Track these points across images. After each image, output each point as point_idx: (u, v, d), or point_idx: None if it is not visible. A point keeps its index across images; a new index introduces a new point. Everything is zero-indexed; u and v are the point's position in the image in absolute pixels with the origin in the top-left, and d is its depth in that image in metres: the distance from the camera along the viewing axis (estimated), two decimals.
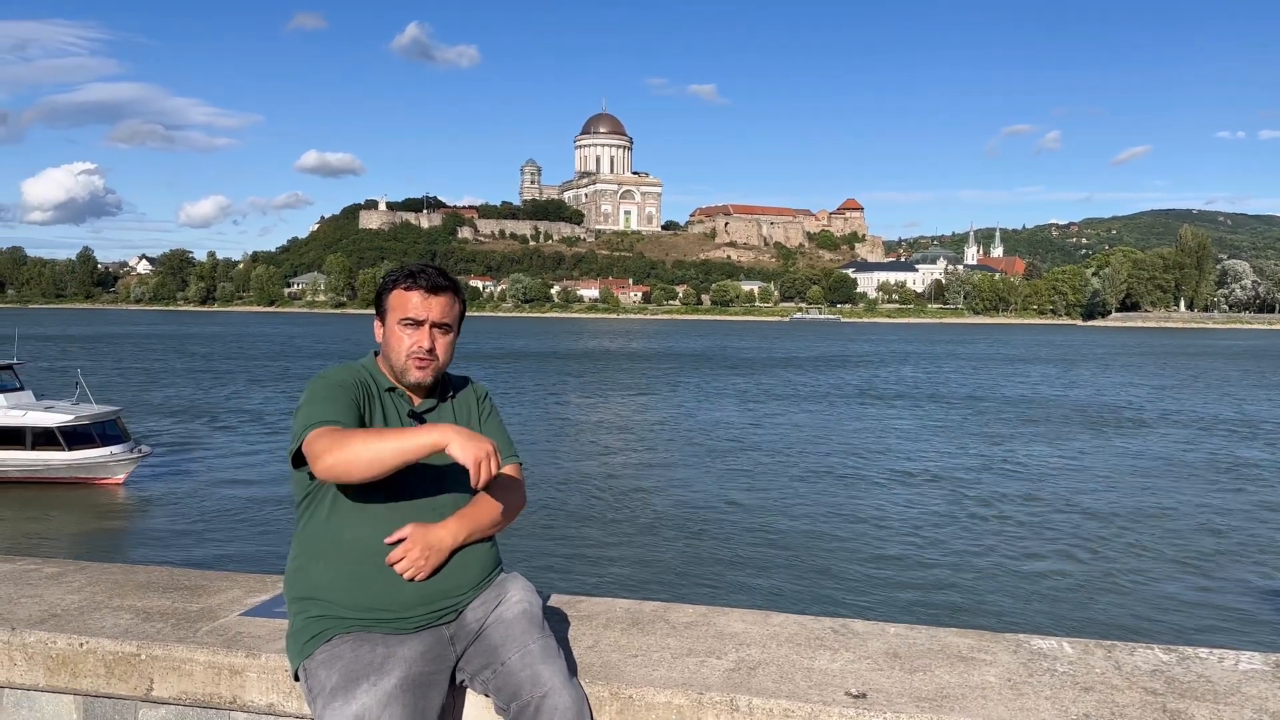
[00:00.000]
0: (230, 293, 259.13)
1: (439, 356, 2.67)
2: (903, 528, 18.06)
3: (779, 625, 3.13)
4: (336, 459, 2.35)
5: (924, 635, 3.05)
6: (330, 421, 2.46)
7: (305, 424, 2.47)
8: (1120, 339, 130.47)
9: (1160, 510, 20.01)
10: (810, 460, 25.82)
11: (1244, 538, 17.92)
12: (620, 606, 3.30)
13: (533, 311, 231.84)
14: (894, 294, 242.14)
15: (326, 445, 2.38)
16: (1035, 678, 2.70)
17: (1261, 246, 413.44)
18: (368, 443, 2.37)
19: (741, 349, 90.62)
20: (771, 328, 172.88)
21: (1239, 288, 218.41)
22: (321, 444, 2.39)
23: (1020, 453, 27.61)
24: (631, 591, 12.79)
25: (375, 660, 2.41)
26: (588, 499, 20.10)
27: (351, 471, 2.37)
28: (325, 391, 2.56)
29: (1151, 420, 36.30)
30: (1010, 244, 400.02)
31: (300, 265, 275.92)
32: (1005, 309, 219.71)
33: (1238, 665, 2.84)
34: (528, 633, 2.55)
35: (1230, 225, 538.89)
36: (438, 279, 2.68)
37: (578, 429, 32.19)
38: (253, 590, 3.36)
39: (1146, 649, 2.97)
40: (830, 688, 2.60)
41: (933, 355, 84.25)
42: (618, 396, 43.87)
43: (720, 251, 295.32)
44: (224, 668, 2.77)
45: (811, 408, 39.60)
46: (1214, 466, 25.52)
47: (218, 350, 77.64)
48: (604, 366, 65.03)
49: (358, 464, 2.35)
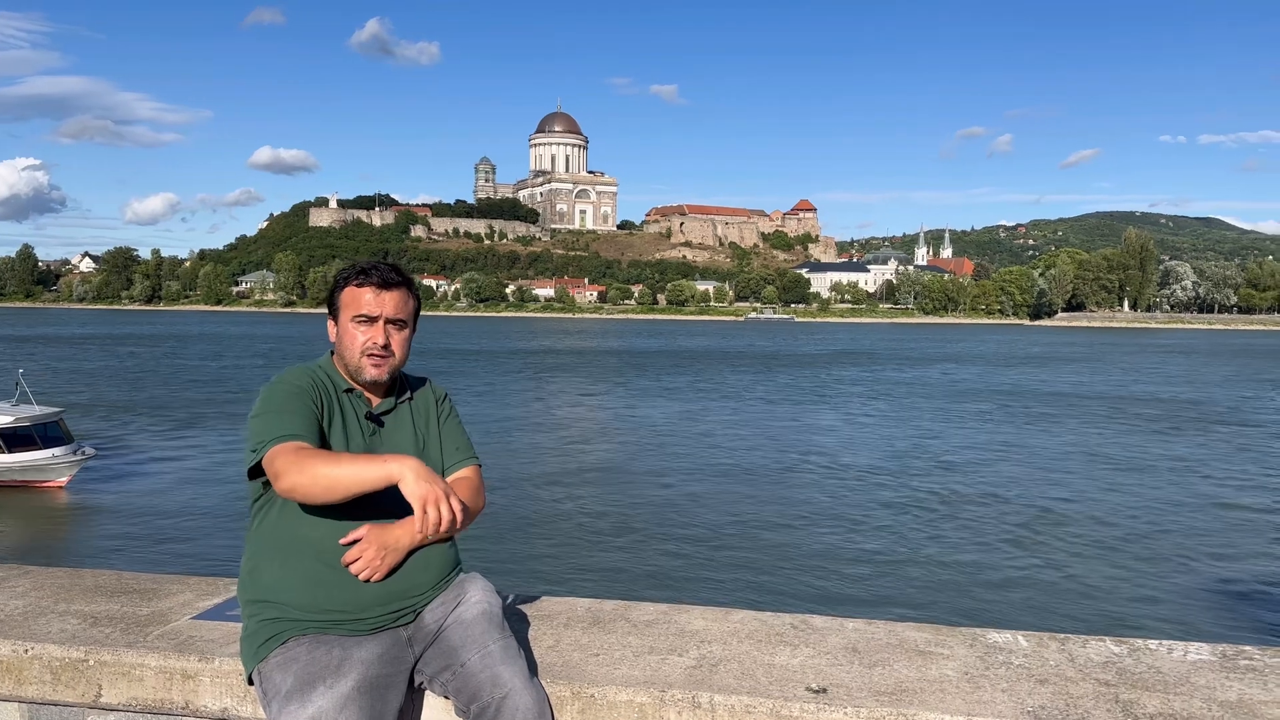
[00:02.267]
0: (176, 291, 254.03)
1: (395, 353, 2.63)
2: (857, 523, 18.24)
3: (739, 622, 3.14)
4: (295, 483, 2.36)
5: (882, 630, 3.07)
6: (291, 436, 2.43)
7: (265, 437, 2.44)
8: (1065, 338, 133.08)
9: (1105, 503, 20.44)
10: (765, 457, 25.98)
11: (1186, 530, 18.36)
12: (581, 606, 3.29)
13: (487, 311, 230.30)
14: (846, 294, 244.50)
15: (286, 466, 2.37)
16: (992, 670, 2.74)
17: (1202, 248, 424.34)
18: (327, 469, 2.36)
19: (696, 348, 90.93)
20: (727, 327, 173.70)
21: (1180, 288, 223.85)
22: (281, 463, 2.38)
23: (972, 449, 28.03)
24: (592, 591, 12.76)
25: (331, 662, 2.37)
26: (544, 499, 20.03)
27: (310, 496, 2.38)
28: (283, 400, 2.52)
29: (1099, 415, 37.06)
30: (960, 245, 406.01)
31: (249, 263, 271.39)
32: (955, 309, 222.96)
33: (1186, 656, 2.90)
34: (487, 633, 2.52)
35: (1172, 228, 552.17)
36: (390, 274, 2.64)
37: (533, 429, 32.07)
38: (204, 593, 3.30)
39: (1098, 641, 3.03)
40: (791, 683, 2.61)
41: (884, 353, 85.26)
42: (573, 396, 43.78)
43: (676, 251, 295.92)
44: (176, 672, 2.71)
45: (766, 406, 39.85)
46: (1154, 461, 26.12)
47: (163, 350, 76.11)
48: (560, 366, 64.85)
49: (315, 489, 2.36)
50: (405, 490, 2.35)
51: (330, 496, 2.37)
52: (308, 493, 2.37)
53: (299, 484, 2.36)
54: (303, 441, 2.43)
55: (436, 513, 2.34)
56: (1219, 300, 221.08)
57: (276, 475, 2.38)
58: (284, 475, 2.37)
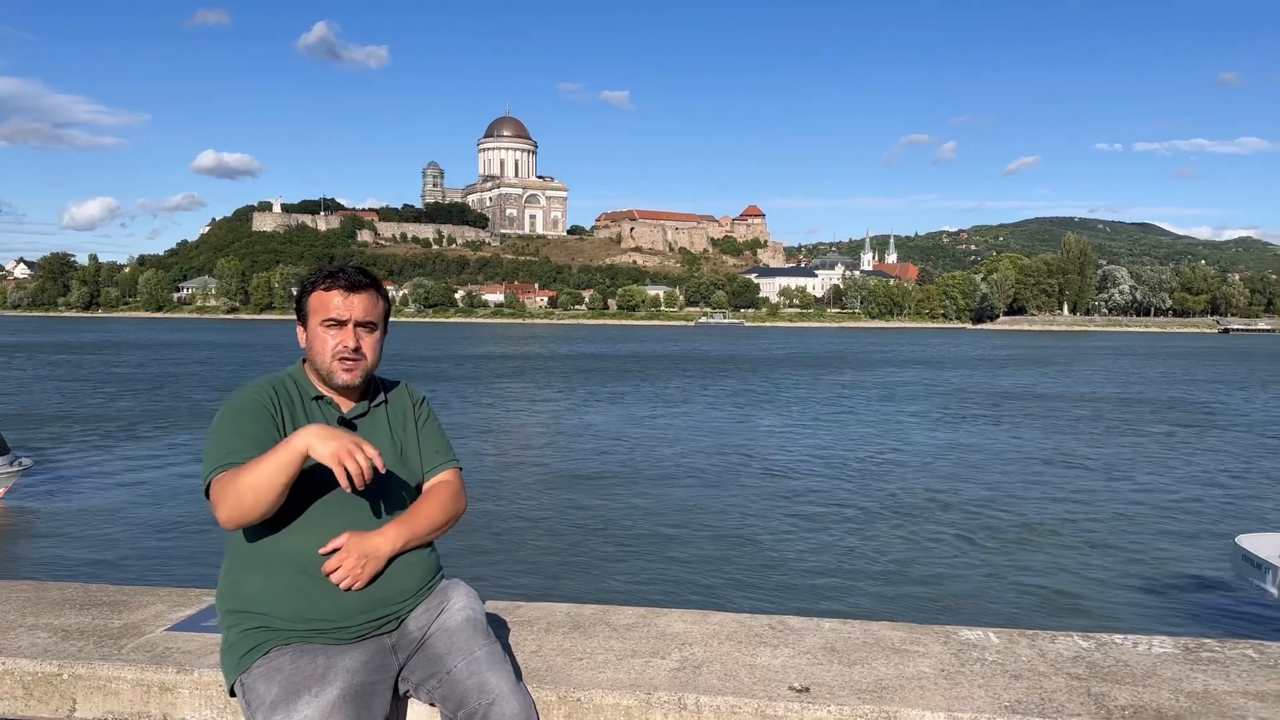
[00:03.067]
0: (115, 298, 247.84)
1: (366, 356, 2.61)
2: (823, 524, 18.44)
3: (718, 624, 3.17)
4: (229, 514, 2.35)
5: (858, 629, 3.13)
6: (227, 466, 2.40)
7: (208, 467, 2.43)
8: (1010, 341, 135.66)
9: (1059, 501, 20.89)
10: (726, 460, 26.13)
11: (1145, 524, 18.84)
12: (560, 611, 3.30)
13: (436, 316, 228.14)
14: (795, 299, 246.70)
15: (218, 500, 2.36)
16: (967, 667, 2.81)
17: (1138, 253, 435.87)
18: (247, 480, 2.32)
19: (650, 353, 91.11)
20: (678, 332, 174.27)
21: (1118, 292, 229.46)
22: (215, 497, 2.37)
23: (932, 450, 28.46)
24: (567, 595, 12.75)
25: (316, 671, 2.35)
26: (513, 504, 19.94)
27: (248, 514, 2.36)
28: (234, 423, 2.49)
29: (1051, 416, 37.86)
30: (904, 250, 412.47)
31: (190, 269, 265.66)
32: (900, 313, 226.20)
33: (1151, 649, 3.00)
34: (472, 640, 2.52)
35: (1109, 233, 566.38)
36: (357, 277, 2.63)
37: (495, 435, 31.88)
38: (177, 605, 3.25)
39: (1067, 637, 3.12)
40: (774, 683, 2.65)
41: (840, 357, 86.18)
42: (535, 402, 43.61)
43: (626, 256, 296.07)
44: (153, 685, 2.67)
45: (728, 410, 40.07)
46: (1105, 459, 26.74)
47: (103, 358, 74.32)
48: (514, 372, 64.56)
49: (246, 506, 2.33)
50: (316, 455, 2.30)
51: (264, 504, 2.33)
52: (245, 513, 2.35)
53: (233, 514, 2.35)
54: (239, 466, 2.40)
55: (355, 464, 2.28)
56: (1155, 303, 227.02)
57: (215, 509, 2.38)
58: (218, 509, 2.36)
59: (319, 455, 2.30)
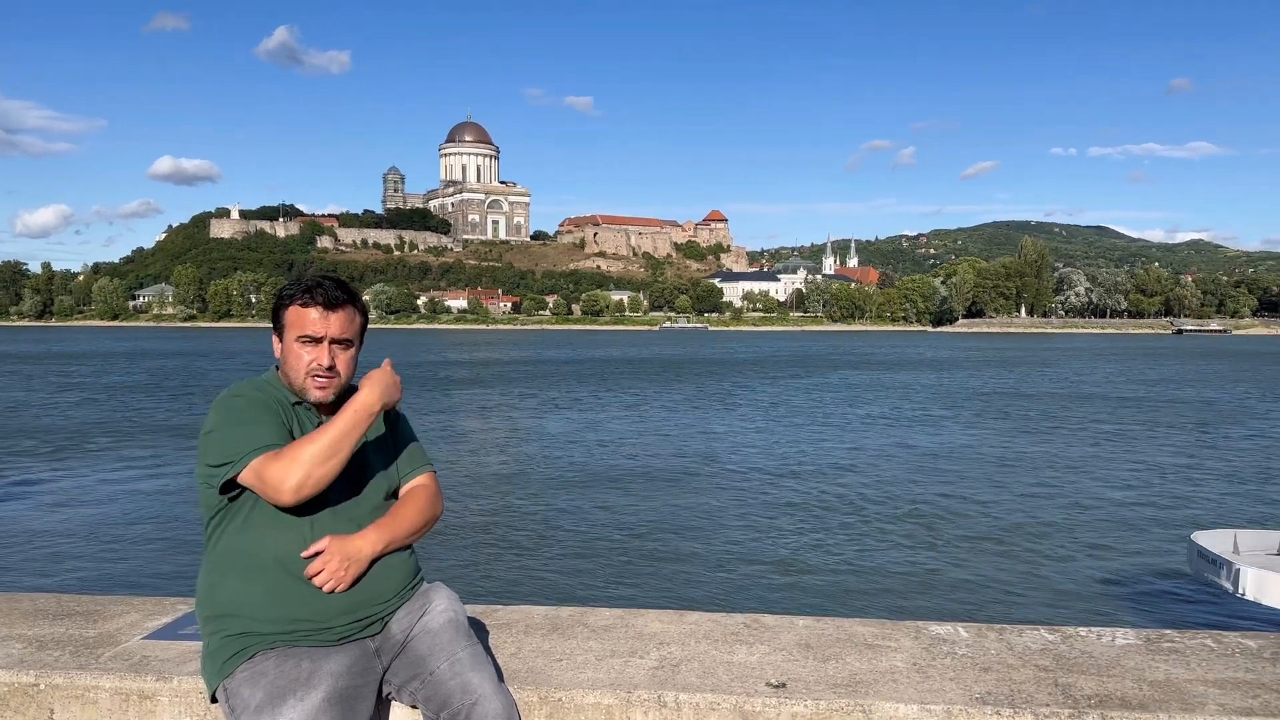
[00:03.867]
0: (70, 306, 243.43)
1: (340, 373, 2.61)
2: (797, 523, 18.58)
3: (695, 623, 3.22)
4: (302, 478, 2.37)
5: (831, 626, 3.19)
6: (269, 446, 2.42)
7: (242, 450, 2.41)
8: (970, 343, 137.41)
9: (1029, 498, 21.21)
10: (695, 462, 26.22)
11: (1106, 521, 19.18)
12: (538, 613, 3.33)
13: (398, 323, 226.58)
14: (758, 303, 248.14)
15: (282, 470, 2.37)
16: (938, 661, 2.88)
17: (1094, 256, 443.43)
18: (320, 439, 2.41)
19: (614, 357, 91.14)
20: (642, 336, 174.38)
21: (1074, 294, 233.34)
22: (277, 469, 2.37)
23: (899, 447, 28.76)
24: (544, 598, 12.73)
25: (301, 675, 2.37)
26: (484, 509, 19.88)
27: (323, 477, 2.41)
28: (250, 412, 2.50)
29: (1020, 415, 38.41)
30: (865, 254, 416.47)
31: (146, 277, 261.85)
32: (861, 316, 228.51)
33: (1115, 641, 3.09)
34: (455, 641, 2.55)
35: (1065, 236, 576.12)
36: (335, 293, 2.62)
37: (466, 440, 31.75)
38: (152, 613, 3.24)
39: (1033, 630, 3.20)
40: (751, 679, 2.71)
41: (807, 359, 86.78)
42: (501, 407, 43.47)
43: (590, 262, 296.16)
44: (132, 693, 2.66)
45: (694, 413, 40.19)
46: (1065, 457, 27.19)
47: (58, 368, 72.94)
48: (482, 378, 64.30)
49: (322, 468, 2.40)
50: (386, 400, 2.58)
51: (337, 464, 2.43)
52: (320, 476, 2.40)
53: (306, 478, 2.37)
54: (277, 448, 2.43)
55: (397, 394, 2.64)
56: (1110, 305, 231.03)
57: (280, 481, 2.37)
58: (285, 479, 2.36)
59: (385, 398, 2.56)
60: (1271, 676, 2.77)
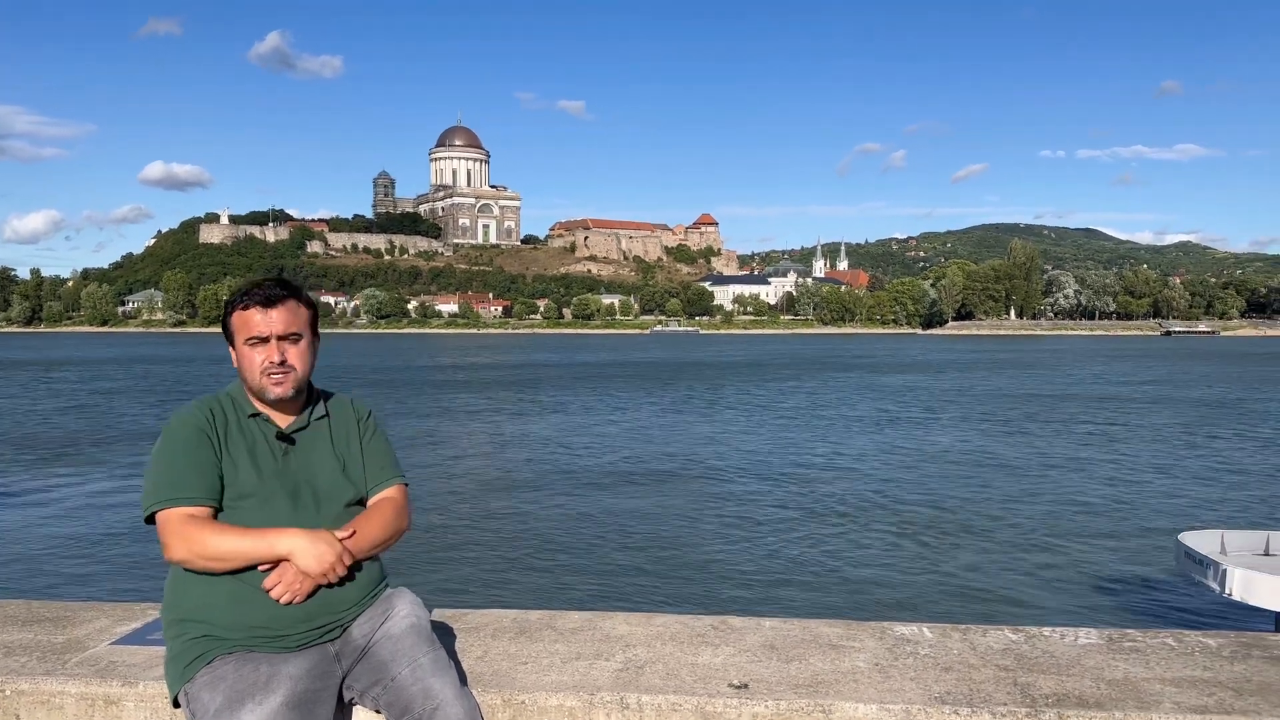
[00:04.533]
0: (59, 312, 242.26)
1: (295, 367, 2.61)
2: (771, 525, 18.60)
3: (662, 625, 3.24)
4: (187, 559, 2.46)
5: (797, 627, 3.22)
6: (178, 501, 2.47)
7: (155, 497, 2.49)
8: (961, 345, 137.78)
9: (994, 499, 21.27)
10: (671, 465, 26.24)
11: (1091, 522, 19.26)
12: (507, 617, 3.35)
13: (389, 328, 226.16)
14: (749, 306, 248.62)
15: (172, 539, 2.45)
16: (900, 661, 2.91)
17: (1082, 258, 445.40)
18: (217, 548, 2.44)
19: (602, 361, 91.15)
20: (633, 340, 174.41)
21: (1063, 296, 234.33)
22: (169, 535, 2.46)
23: (868, 448, 28.82)
24: (515, 603, 12.70)
25: (260, 679, 2.38)
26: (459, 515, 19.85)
27: (205, 569, 2.48)
28: (174, 453, 2.52)
29: (985, 417, 38.52)
30: (855, 257, 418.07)
31: (136, 282, 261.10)
32: (851, 319, 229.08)
33: (1077, 640, 3.13)
34: (417, 646, 2.56)
35: (1054, 238, 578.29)
36: (273, 290, 2.62)
37: (447, 445, 31.70)
38: (121, 619, 3.25)
39: (998, 630, 3.23)
40: (714, 680, 2.73)
41: (791, 362, 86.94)
42: (483, 411, 43.42)
43: (581, 265, 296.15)
44: (98, 698, 2.68)
45: (672, 415, 40.21)
46: (1043, 459, 27.29)
47: (45, 376, 72.62)
48: (463, 383, 64.20)
49: (208, 565, 2.46)
50: (301, 566, 2.48)
51: (224, 569, 2.47)
52: (200, 567, 2.47)
53: (191, 562, 2.46)
54: (192, 505, 2.47)
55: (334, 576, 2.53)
56: (1099, 307, 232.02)
57: (164, 545, 2.46)
58: (171, 548, 2.45)
59: (304, 566, 2.48)
60: (1228, 675, 2.81)
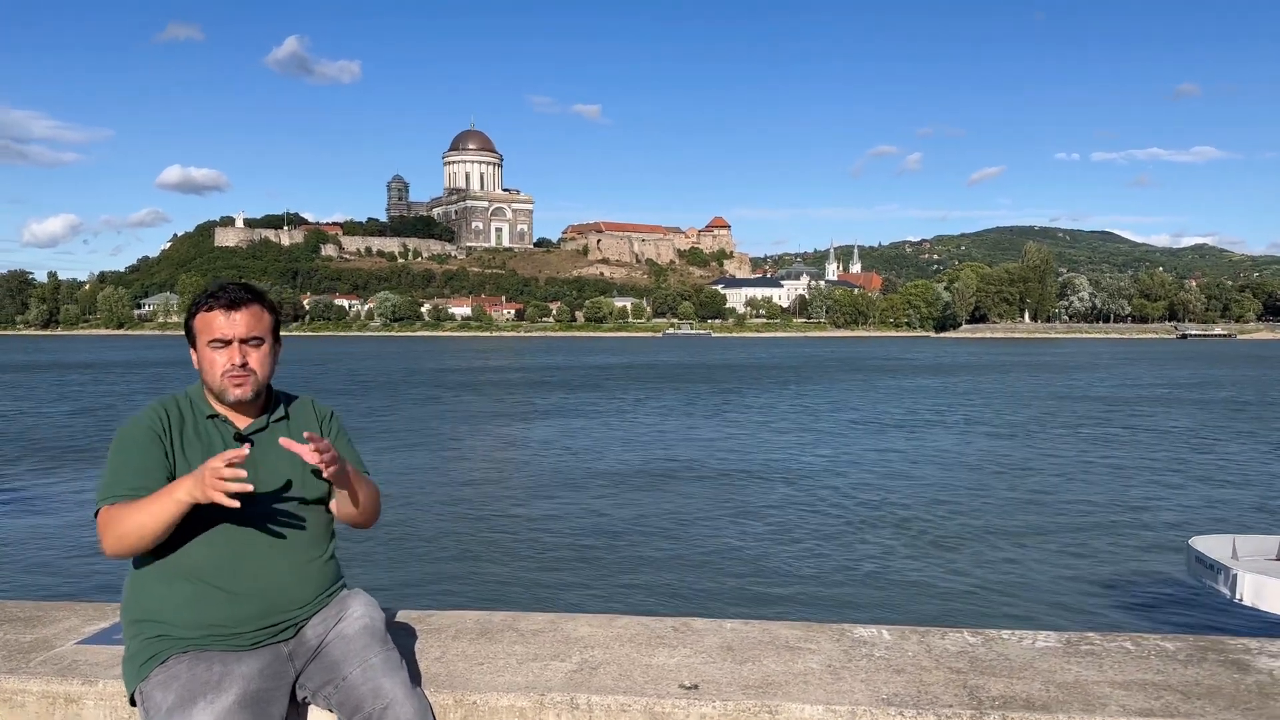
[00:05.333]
0: (75, 315, 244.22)
1: (255, 370, 2.66)
2: (768, 525, 18.61)
3: (623, 627, 3.27)
4: (112, 546, 2.49)
5: (757, 629, 3.24)
6: (114, 498, 2.51)
7: (99, 496, 2.54)
8: (978, 349, 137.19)
9: (1021, 501, 21.20)
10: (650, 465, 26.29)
11: (1101, 524, 19.19)
12: (470, 618, 3.38)
13: (402, 331, 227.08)
14: (761, 309, 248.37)
15: (102, 532, 2.49)
16: (854, 663, 2.93)
17: (1097, 261, 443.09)
18: (131, 521, 2.45)
19: (620, 363, 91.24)
20: (645, 343, 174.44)
21: (1078, 299, 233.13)
22: (100, 529, 2.50)
23: (846, 450, 28.78)
24: (485, 604, 12.75)
25: (212, 679, 2.42)
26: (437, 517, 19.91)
27: (130, 551, 2.51)
28: (122, 454, 2.58)
29: (960, 421, 38.39)
30: (868, 260, 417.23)
31: (151, 285, 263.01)
32: (864, 322, 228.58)
33: (1035, 643, 3.14)
34: (369, 647, 2.60)
35: (1069, 241, 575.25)
36: (238, 293, 2.67)
37: (434, 448, 31.80)
38: (91, 619, 3.30)
39: (956, 633, 3.25)
40: (665, 681, 2.76)
41: (786, 365, 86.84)
42: (497, 415, 43.54)
43: (593, 268, 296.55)
44: (59, 696, 2.72)
45: (649, 417, 40.26)
46: (1018, 462, 27.19)
47: (56, 378, 73.19)
48: (467, 385, 64.37)
49: (129, 544, 2.47)
50: (193, 497, 2.38)
51: (145, 544, 2.48)
52: (127, 550, 2.49)
53: (116, 548, 2.49)
54: (125, 499, 2.50)
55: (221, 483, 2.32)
56: (1114, 310, 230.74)
57: (100, 540, 2.50)
58: (103, 540, 2.49)
59: (193, 495, 2.39)
60: (1180, 678, 2.81)
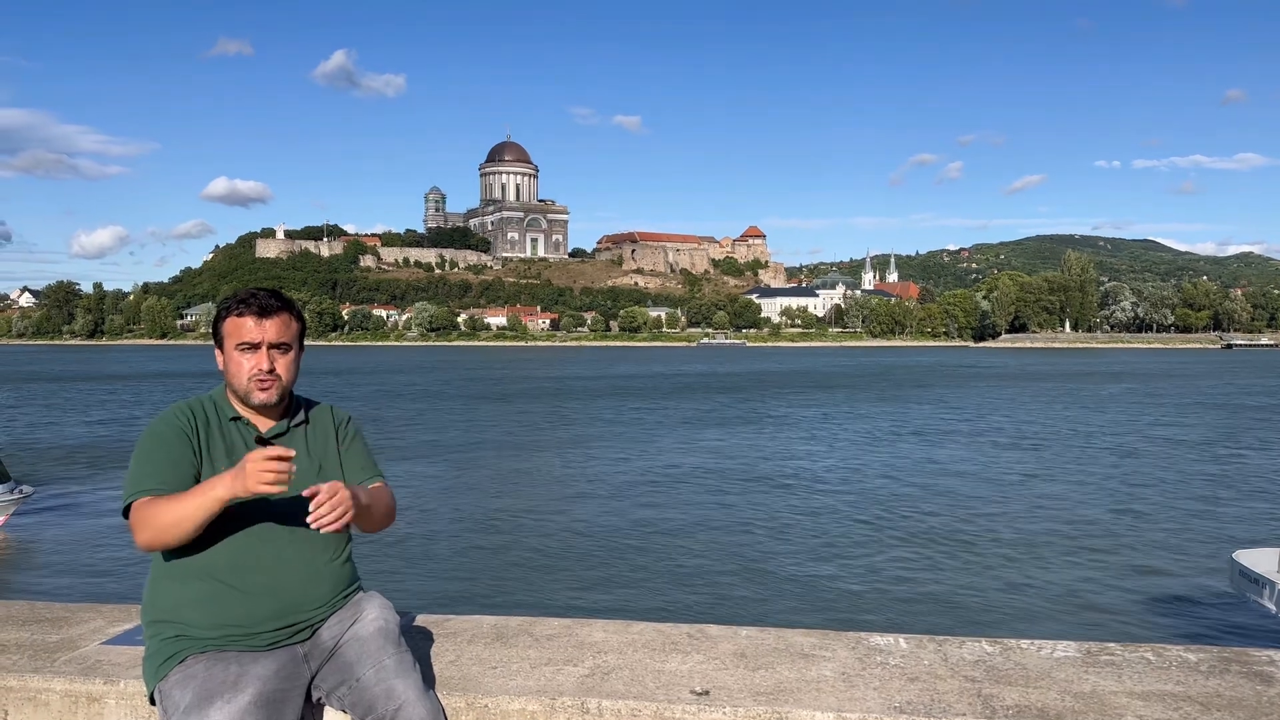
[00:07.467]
0: (120, 325, 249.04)
1: (281, 376, 2.71)
2: (766, 535, 18.53)
3: (638, 633, 3.27)
4: (149, 539, 2.51)
5: (771, 636, 3.23)
6: (145, 492, 2.54)
7: (128, 490, 2.57)
8: (1018, 359, 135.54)
9: (999, 510, 20.92)
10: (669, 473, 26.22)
11: (1144, 536, 18.89)
12: (487, 623, 3.40)
13: (439, 340, 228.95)
14: (796, 318, 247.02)
15: (136, 525, 2.52)
16: (868, 670, 2.91)
17: (1140, 270, 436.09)
18: (169, 515, 2.47)
19: (654, 373, 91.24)
20: (680, 353, 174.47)
21: (1119, 309, 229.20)
22: (134, 522, 2.53)
23: (867, 460, 28.52)
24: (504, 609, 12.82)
25: (229, 678, 2.46)
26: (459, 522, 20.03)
27: (167, 544, 2.53)
28: (151, 449, 2.62)
29: (980, 431, 37.89)
30: (905, 269, 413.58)
31: (194, 296, 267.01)
32: (901, 332, 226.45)
33: (1053, 653, 3.10)
34: (383, 649, 2.62)
35: (1111, 249, 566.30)
36: (269, 301, 2.73)
37: (460, 455, 31.98)
38: (116, 620, 3.36)
39: (974, 642, 3.21)
40: (677, 687, 2.75)
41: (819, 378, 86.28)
42: (499, 423, 43.72)
43: (628, 278, 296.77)
44: (81, 695, 2.78)
45: (668, 426, 40.17)
46: (1042, 472, 26.79)
47: (104, 387, 74.61)
48: (514, 393, 64.68)
49: (167, 537, 2.50)
50: (232, 493, 2.40)
51: (182, 538, 2.51)
52: (164, 544, 2.53)
53: (152, 542, 2.52)
54: (156, 494, 2.53)
55: (271, 474, 2.34)
56: (1157, 320, 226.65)
57: (134, 534, 2.53)
58: (138, 533, 2.52)
59: (241, 495, 2.41)
60: (1200, 689, 2.77)
